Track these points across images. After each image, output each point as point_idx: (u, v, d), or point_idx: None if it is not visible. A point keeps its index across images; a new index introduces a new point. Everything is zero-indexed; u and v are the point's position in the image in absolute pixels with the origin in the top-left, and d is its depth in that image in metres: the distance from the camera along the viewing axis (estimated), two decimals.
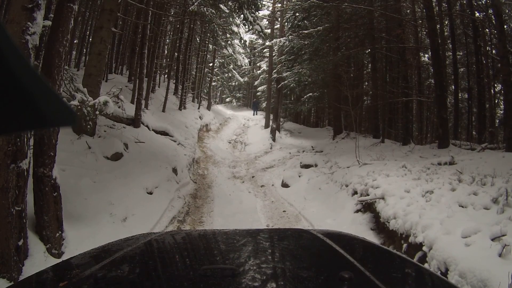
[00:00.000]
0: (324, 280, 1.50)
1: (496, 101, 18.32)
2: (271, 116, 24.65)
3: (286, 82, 20.93)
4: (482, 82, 16.18)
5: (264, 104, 33.04)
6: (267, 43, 29.31)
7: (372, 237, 7.43)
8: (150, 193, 9.08)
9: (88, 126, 9.54)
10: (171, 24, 26.64)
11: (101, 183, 7.82)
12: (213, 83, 39.88)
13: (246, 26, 14.92)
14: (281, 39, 20.98)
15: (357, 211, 8.74)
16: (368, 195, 8.41)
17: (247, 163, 17.27)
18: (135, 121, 12.88)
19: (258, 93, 36.45)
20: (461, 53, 19.24)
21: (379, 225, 7.61)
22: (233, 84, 43.95)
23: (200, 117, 23.49)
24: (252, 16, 13.67)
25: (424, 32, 19.18)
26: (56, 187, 5.39)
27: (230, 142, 22.38)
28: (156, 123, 14.47)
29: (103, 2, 10.74)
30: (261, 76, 35.23)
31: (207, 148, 19.30)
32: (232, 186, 12.98)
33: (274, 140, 21.20)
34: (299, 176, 13.44)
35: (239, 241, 2.12)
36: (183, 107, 22.42)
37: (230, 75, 38.51)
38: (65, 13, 5.43)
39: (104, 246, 2.08)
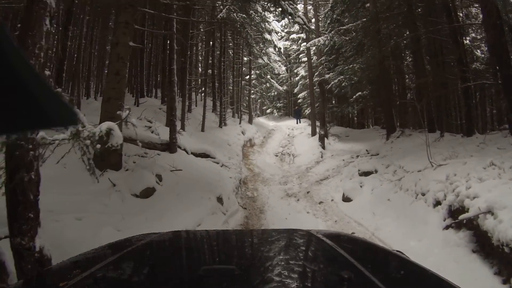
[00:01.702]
0: (324, 280, 1.52)
1: None
2: (317, 123, 22.57)
3: (335, 81, 18.89)
4: None
5: (307, 111, 31.17)
6: (303, 47, 27.90)
7: (477, 263, 5.54)
8: None
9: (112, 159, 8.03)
10: (201, 39, 25.31)
11: (128, 231, 6.04)
12: (252, 96, 38.51)
13: (286, 19, 12.94)
14: (319, 38, 18.97)
15: (447, 227, 6.66)
16: (463, 207, 6.33)
17: (298, 177, 15.30)
18: (170, 146, 11.29)
19: (299, 100, 34.50)
20: None
21: (488, 248, 5.49)
22: (272, 94, 42.38)
23: (242, 132, 21.82)
24: (291, 7, 11.77)
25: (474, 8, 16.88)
26: (46, 261, 3.68)
27: (277, 155, 20.45)
28: (195, 145, 12.80)
29: (117, 14, 9.15)
30: (300, 82, 33.23)
31: (253, 165, 17.47)
32: (286, 206, 11.04)
33: (323, 147, 19.13)
34: (361, 187, 11.38)
35: (239, 241, 2.21)
36: (223, 124, 20.89)
37: (268, 85, 36.91)
38: (36, 10, 3.78)
39: (104, 247, 2.06)
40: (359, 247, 2.16)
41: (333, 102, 27.91)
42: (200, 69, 29.35)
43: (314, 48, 21.10)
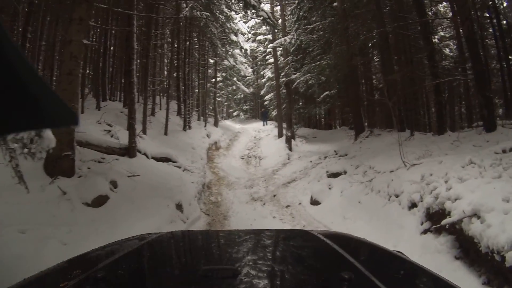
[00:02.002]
0: (324, 280, 1.50)
1: None
2: (284, 125, 22.37)
3: (302, 79, 18.57)
4: None
5: (273, 113, 30.92)
6: (269, 48, 27.56)
7: (462, 271, 5.14)
8: None
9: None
10: (166, 41, 24.72)
11: (75, 244, 5.53)
12: (218, 99, 38.08)
13: (249, 12, 12.45)
14: (286, 38, 18.72)
15: (425, 231, 6.35)
16: (444, 210, 5.94)
17: (265, 180, 14.94)
18: (129, 150, 10.74)
19: (266, 102, 34.21)
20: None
21: (474, 255, 5.11)
22: (239, 96, 42.26)
23: (207, 136, 21.31)
24: (254, 1, 11.38)
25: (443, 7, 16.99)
26: None
27: (243, 158, 20.07)
28: (156, 149, 12.28)
29: (71, 10, 8.55)
30: (267, 84, 32.96)
31: (218, 168, 17.01)
32: (252, 212, 10.64)
33: (290, 149, 18.87)
34: (329, 189, 11.11)
35: (239, 241, 2.14)
36: (188, 127, 20.29)
37: (234, 87, 36.61)
38: None
39: (104, 247, 2.08)
40: (359, 247, 2.17)
41: (300, 103, 27.81)
42: (165, 72, 28.66)
43: (280, 48, 20.93)
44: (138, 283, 1.52)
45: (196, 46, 26.71)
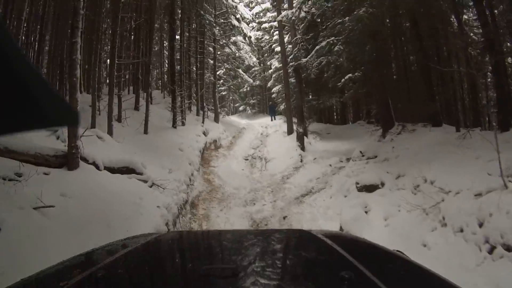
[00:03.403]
0: (324, 280, 1.47)
1: None
2: (294, 120, 18.33)
3: (316, 62, 14.53)
4: None
5: (282, 107, 26.94)
6: (276, 36, 24.16)
7: None
8: None
9: None
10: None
11: None
12: (223, 93, 34.54)
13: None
14: (293, 10, 14.76)
15: None
16: None
17: (272, 191, 11.13)
18: (68, 159, 7.00)
19: (273, 95, 29.99)
20: None
21: None
22: (245, 90, 38.23)
23: (204, 133, 17.47)
24: None
25: None
26: None
27: (246, 159, 16.20)
28: (116, 155, 8.49)
29: None
30: (274, 75, 28.78)
31: (214, 174, 13.20)
32: None
33: (303, 148, 15.01)
34: (366, 212, 7.30)
35: (239, 241, 2.10)
36: (181, 123, 16.56)
37: (240, 80, 32.70)
38: None
39: (104, 246, 2.04)
40: (359, 247, 2.11)
41: (309, 96, 23.78)
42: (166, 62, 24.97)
43: (288, 26, 16.98)
44: (138, 282, 1.49)
45: (193, 32, 23.01)
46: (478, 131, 8.62)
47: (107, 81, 14.83)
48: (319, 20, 15.43)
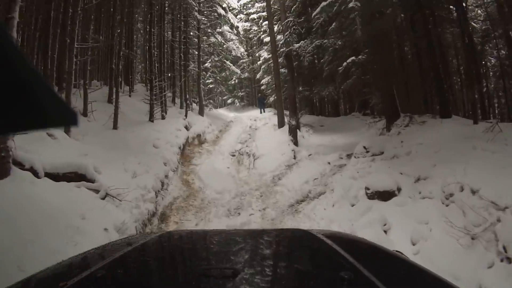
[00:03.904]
0: (324, 280, 1.43)
1: None
2: (285, 112, 16.48)
3: (309, 47, 12.75)
4: None
5: (271, 99, 25.18)
6: (264, 26, 22.70)
7: None
8: None
9: None
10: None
11: None
12: (211, 86, 33.09)
13: None
14: None
15: None
16: None
17: (261, 195, 9.40)
18: None
19: (262, 87, 28.31)
20: None
21: None
22: (233, 82, 36.46)
23: (186, 127, 15.68)
24: None
25: None
26: None
27: (233, 155, 14.40)
28: (65, 157, 6.64)
29: None
30: (263, 66, 26.95)
31: (195, 174, 11.41)
32: None
33: (296, 143, 13.21)
34: (385, 232, 5.55)
35: (239, 241, 2.04)
36: (161, 116, 14.82)
37: (228, 73, 31.15)
38: None
39: (104, 246, 2.00)
40: (359, 247, 2.05)
41: (300, 87, 22.01)
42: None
43: (278, 10, 15.17)
44: (137, 282, 1.44)
45: (177, 22, 21.17)
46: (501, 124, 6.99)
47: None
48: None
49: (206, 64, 27.71)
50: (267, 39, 21.67)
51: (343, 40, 12.13)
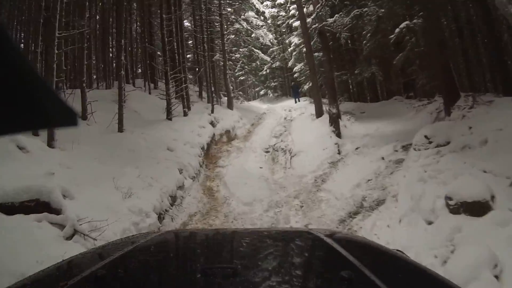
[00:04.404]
0: (324, 280, 1.44)
1: None
2: (323, 100, 14.27)
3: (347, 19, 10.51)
4: None
5: (306, 86, 22.89)
6: (293, 10, 21.05)
7: None
8: None
9: None
10: None
11: None
12: (242, 78, 32.60)
13: None
14: None
15: None
16: None
17: (301, 206, 7.29)
18: None
19: (295, 75, 25.86)
20: None
21: None
22: (264, 72, 34.45)
23: (212, 123, 13.84)
24: None
25: None
26: None
27: (267, 152, 12.37)
28: (26, 179, 4.72)
29: None
30: (294, 53, 24.80)
31: (220, 178, 9.48)
32: None
33: (339, 135, 10.99)
34: (496, 278, 3.30)
35: (239, 240, 2.00)
36: (183, 113, 13.16)
37: (258, 62, 29.53)
38: None
39: (104, 246, 1.99)
40: (359, 246, 1.96)
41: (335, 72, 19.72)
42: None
43: None
44: (137, 282, 1.42)
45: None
46: None
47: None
48: None
49: (236, 55, 26.37)
50: (297, 23, 19.48)
51: (388, 5, 9.76)
